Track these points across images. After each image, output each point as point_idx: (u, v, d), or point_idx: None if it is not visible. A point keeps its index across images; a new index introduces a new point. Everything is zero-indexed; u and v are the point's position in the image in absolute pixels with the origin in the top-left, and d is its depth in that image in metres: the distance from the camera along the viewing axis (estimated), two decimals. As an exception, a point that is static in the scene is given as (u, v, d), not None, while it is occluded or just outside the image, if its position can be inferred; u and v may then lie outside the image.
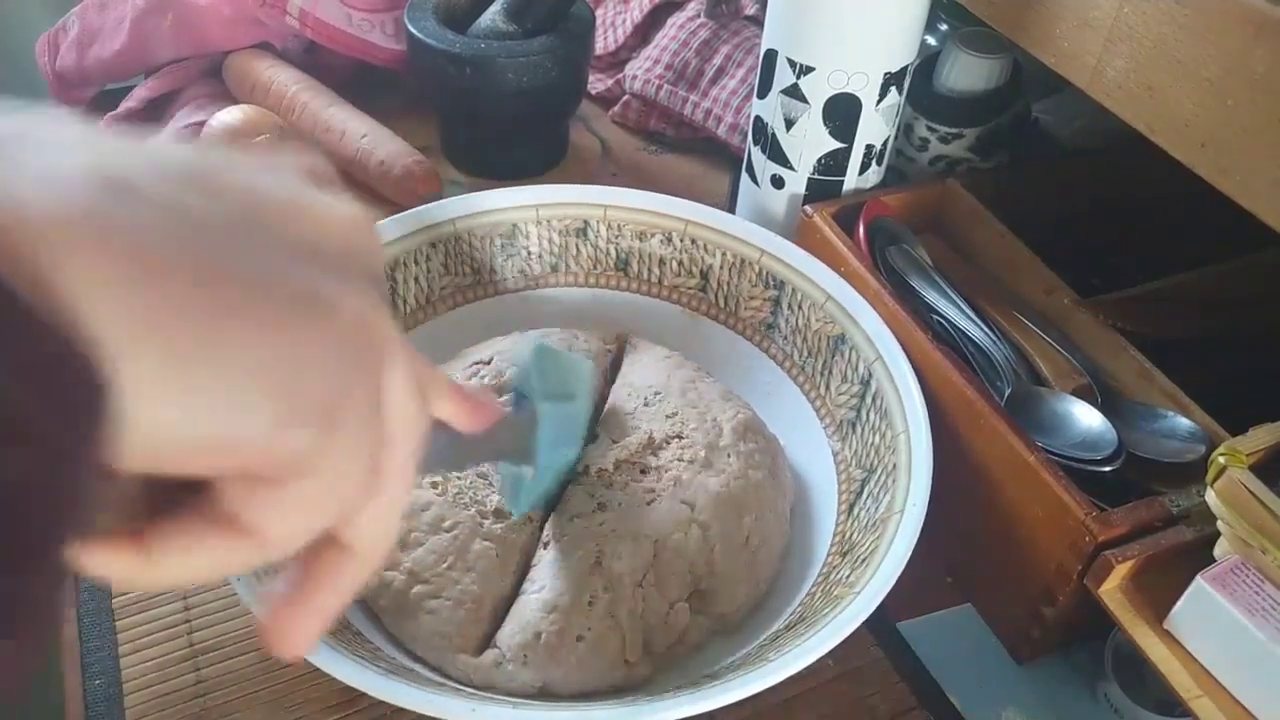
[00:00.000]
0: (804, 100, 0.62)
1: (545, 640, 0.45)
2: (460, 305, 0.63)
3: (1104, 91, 0.47)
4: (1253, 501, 0.40)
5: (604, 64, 0.92)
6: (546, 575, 0.47)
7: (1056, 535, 0.47)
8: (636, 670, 0.46)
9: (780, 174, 0.66)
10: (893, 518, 0.47)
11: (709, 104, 0.83)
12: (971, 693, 0.51)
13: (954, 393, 0.52)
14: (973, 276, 0.62)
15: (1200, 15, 0.41)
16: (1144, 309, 0.58)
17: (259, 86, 0.81)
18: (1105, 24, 0.46)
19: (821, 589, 0.48)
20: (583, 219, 0.63)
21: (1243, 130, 0.40)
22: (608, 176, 0.84)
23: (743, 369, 0.61)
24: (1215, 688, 0.42)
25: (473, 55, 0.73)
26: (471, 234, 0.61)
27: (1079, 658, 0.52)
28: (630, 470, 0.51)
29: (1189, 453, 0.50)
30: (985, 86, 0.67)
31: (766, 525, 0.51)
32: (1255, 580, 0.41)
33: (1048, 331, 0.58)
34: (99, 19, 0.84)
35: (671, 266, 0.63)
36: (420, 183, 0.75)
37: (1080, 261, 0.62)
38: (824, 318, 0.58)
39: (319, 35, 0.81)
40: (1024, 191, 0.66)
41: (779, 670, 0.41)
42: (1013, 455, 0.49)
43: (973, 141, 0.69)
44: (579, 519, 0.49)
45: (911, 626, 0.54)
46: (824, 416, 0.58)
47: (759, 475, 0.52)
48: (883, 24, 0.59)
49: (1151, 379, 0.54)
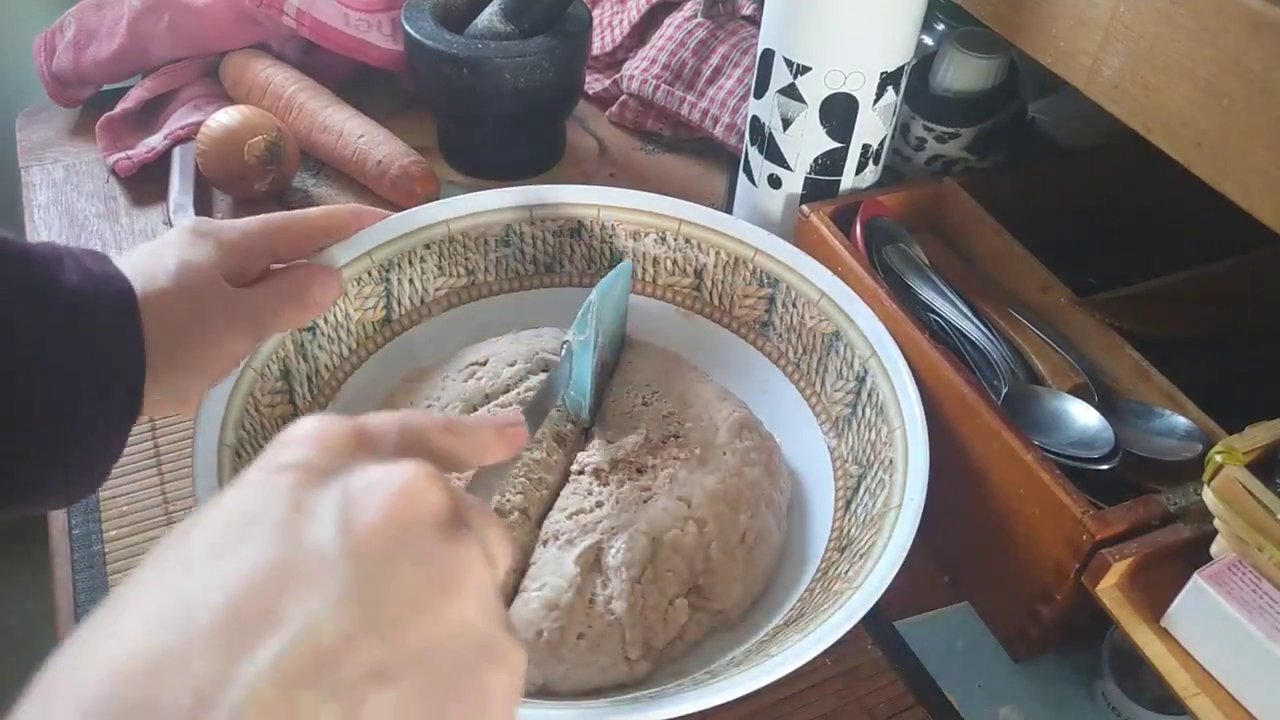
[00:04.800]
0: (801, 100, 0.62)
1: (546, 638, 0.45)
2: (455, 306, 0.62)
3: (1100, 91, 0.47)
4: (1250, 499, 0.40)
5: (601, 64, 0.92)
6: (546, 573, 0.47)
7: (1054, 534, 0.47)
8: (637, 667, 0.46)
9: (777, 174, 0.66)
10: (890, 512, 0.47)
11: (706, 104, 0.83)
12: (969, 691, 0.51)
13: (951, 391, 0.52)
14: (969, 275, 0.62)
15: (1196, 14, 0.41)
16: (1141, 307, 0.58)
17: (256, 87, 0.81)
18: (1101, 23, 0.46)
19: (820, 584, 0.48)
20: (576, 219, 0.63)
21: (1239, 129, 0.41)
22: (605, 176, 0.84)
23: (738, 367, 0.61)
24: (1212, 685, 0.42)
25: (470, 55, 0.73)
26: (465, 235, 0.61)
27: (1076, 656, 0.52)
28: (627, 469, 0.51)
29: (1186, 451, 0.50)
30: (982, 86, 0.68)
31: (763, 522, 0.51)
32: (1252, 578, 0.41)
33: (1044, 330, 0.58)
34: (96, 19, 0.84)
35: (666, 266, 0.63)
36: (418, 183, 0.75)
37: (1077, 260, 0.62)
38: (818, 315, 0.58)
39: (316, 35, 0.81)
40: (1020, 191, 0.66)
41: (779, 667, 0.41)
42: (1010, 454, 0.49)
43: (969, 141, 0.69)
44: (577, 516, 0.49)
45: (909, 625, 0.54)
46: (820, 413, 0.58)
47: (755, 472, 0.52)
48: (879, 24, 0.59)
49: (1148, 377, 0.54)
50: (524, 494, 0.49)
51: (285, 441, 0.27)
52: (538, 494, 0.50)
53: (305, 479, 0.25)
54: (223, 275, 0.45)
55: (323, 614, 0.22)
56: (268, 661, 0.21)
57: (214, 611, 0.22)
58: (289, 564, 0.23)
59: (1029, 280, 0.61)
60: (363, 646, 0.23)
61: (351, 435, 0.27)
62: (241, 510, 0.25)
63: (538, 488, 0.50)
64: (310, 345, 0.55)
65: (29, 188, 0.79)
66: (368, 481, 0.25)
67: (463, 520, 0.27)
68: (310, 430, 0.27)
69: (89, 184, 0.80)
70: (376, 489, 0.25)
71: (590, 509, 0.49)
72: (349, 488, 0.25)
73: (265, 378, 0.52)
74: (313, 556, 0.23)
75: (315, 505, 0.25)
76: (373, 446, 0.28)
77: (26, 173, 0.81)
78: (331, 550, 0.23)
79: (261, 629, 0.22)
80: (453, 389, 0.55)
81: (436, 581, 0.25)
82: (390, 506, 0.25)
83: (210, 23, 0.81)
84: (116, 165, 0.79)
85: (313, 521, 0.24)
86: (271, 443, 0.27)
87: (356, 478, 0.25)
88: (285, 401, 0.53)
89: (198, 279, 0.44)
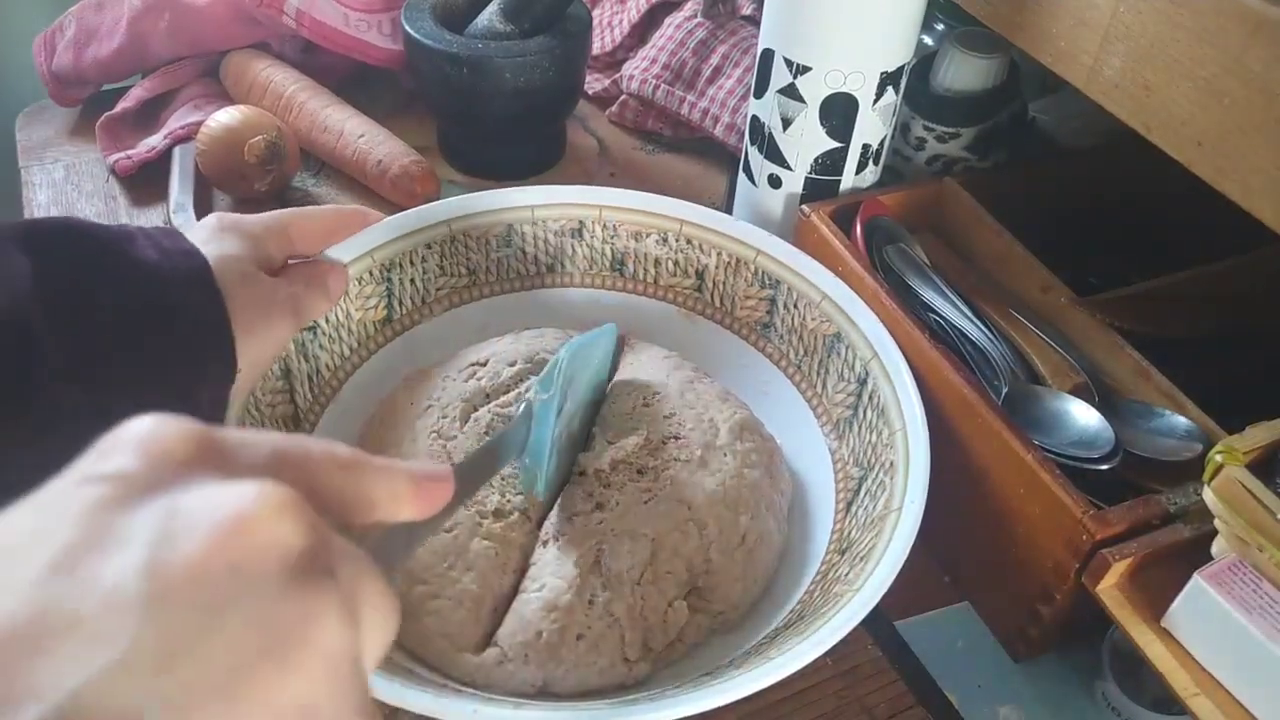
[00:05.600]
0: (801, 100, 0.62)
1: (546, 639, 0.45)
2: (456, 306, 0.62)
3: (1101, 91, 0.47)
4: (1250, 499, 0.40)
5: (601, 64, 0.92)
6: (546, 574, 0.47)
7: (1054, 534, 0.47)
8: (636, 669, 0.46)
9: (777, 174, 0.66)
10: (890, 515, 0.47)
11: (706, 104, 0.83)
12: (969, 691, 0.51)
13: (951, 392, 0.52)
14: (970, 275, 0.62)
15: (1197, 14, 0.41)
16: (1141, 307, 0.58)
17: (256, 86, 0.81)
18: (1102, 23, 0.46)
19: (820, 587, 0.48)
20: (578, 219, 0.63)
21: (1239, 129, 0.41)
22: (605, 176, 0.84)
23: (739, 368, 0.61)
24: (1212, 686, 0.42)
25: (470, 55, 0.73)
26: (467, 235, 0.61)
27: (1076, 656, 0.52)
28: (627, 470, 0.51)
29: (1186, 451, 0.50)
30: (982, 86, 0.68)
31: (763, 524, 0.51)
32: (1252, 578, 0.41)
33: (1045, 330, 0.58)
34: (96, 19, 0.84)
35: (667, 266, 0.63)
36: (418, 182, 0.75)
37: (1077, 260, 0.62)
38: (820, 316, 0.58)
39: (316, 35, 0.81)
40: (1021, 191, 0.66)
41: (778, 669, 0.41)
42: (1010, 454, 0.49)
43: (969, 141, 0.69)
44: (578, 518, 0.49)
45: (909, 625, 0.54)
46: (821, 415, 0.58)
47: (755, 474, 0.52)
48: (879, 23, 0.59)
49: (1148, 377, 0.54)
50: (524, 494, 0.49)
51: (108, 446, 0.21)
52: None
53: (117, 495, 0.19)
54: (257, 263, 0.46)
55: (97, 683, 0.17)
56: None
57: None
58: (59, 615, 0.17)
59: (1029, 280, 0.61)
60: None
61: (196, 443, 0.21)
62: (17, 530, 0.19)
63: (538, 488, 0.50)
64: (311, 345, 0.55)
65: (29, 187, 0.79)
66: (198, 502, 0.19)
67: (322, 566, 0.20)
68: (142, 432, 0.21)
69: (89, 183, 0.80)
70: (205, 513, 0.19)
71: (590, 510, 0.49)
72: (174, 508, 0.19)
73: (266, 377, 0.52)
74: (100, 602, 0.18)
75: (120, 532, 0.19)
76: (223, 461, 0.21)
77: (27, 172, 0.81)
78: (128, 594, 0.18)
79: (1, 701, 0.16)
80: (453, 389, 0.55)
81: (269, 647, 0.19)
82: (218, 537, 0.19)
83: (210, 22, 0.81)
84: (116, 165, 0.79)
85: (108, 556, 0.18)
86: (93, 445, 0.21)
87: (186, 498, 0.20)
88: (286, 401, 0.53)
89: (240, 271, 0.44)
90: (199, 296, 0.42)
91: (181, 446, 0.21)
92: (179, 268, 0.42)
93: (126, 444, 0.20)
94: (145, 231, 0.43)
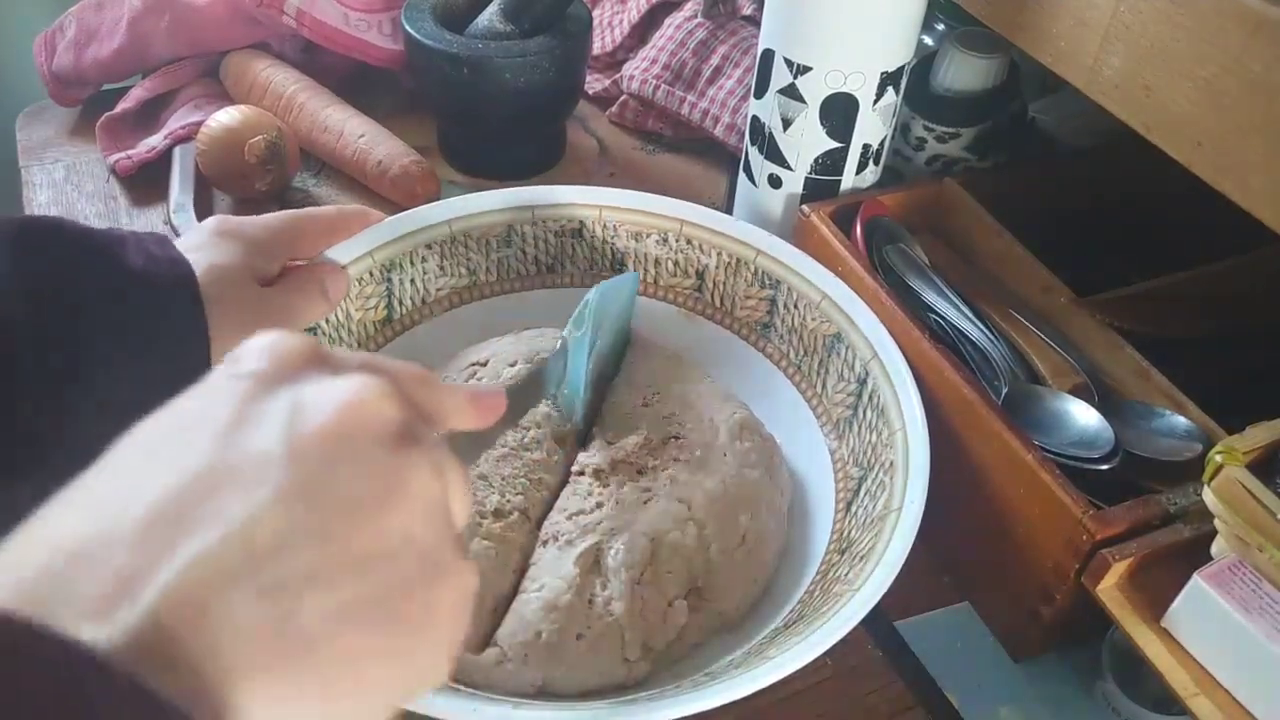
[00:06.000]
0: (801, 100, 0.62)
1: (546, 639, 0.45)
2: (456, 306, 0.62)
3: (1101, 91, 0.47)
4: (1250, 500, 0.40)
5: (601, 64, 0.92)
6: (546, 574, 0.47)
7: (1054, 534, 0.47)
8: (636, 668, 0.46)
9: (777, 174, 0.66)
10: (890, 515, 0.47)
11: (706, 104, 0.83)
12: (969, 691, 0.51)
13: (951, 392, 0.52)
14: (970, 276, 0.62)
15: (1197, 14, 0.41)
16: (1141, 308, 0.58)
17: (256, 86, 0.81)
18: (1102, 23, 0.46)
19: (820, 587, 0.48)
20: (578, 220, 0.63)
21: (1239, 129, 0.41)
22: (605, 176, 0.84)
23: (739, 368, 0.61)
24: (1213, 686, 0.42)
25: (470, 55, 0.73)
26: (467, 235, 0.61)
27: (1077, 656, 0.52)
28: (627, 470, 0.51)
29: (1186, 451, 0.50)
30: (982, 86, 0.68)
31: (763, 524, 0.51)
32: (1252, 578, 0.41)
33: (1045, 330, 0.58)
34: (96, 19, 0.84)
35: (667, 267, 0.63)
36: (418, 182, 0.75)
37: (1077, 260, 0.62)
38: (820, 317, 0.58)
39: (316, 35, 0.81)
40: (1021, 191, 0.66)
41: (778, 669, 0.41)
42: (1010, 454, 0.49)
43: (970, 141, 0.69)
44: (577, 517, 0.49)
45: (909, 625, 0.54)
46: (821, 415, 0.58)
47: (755, 474, 0.52)
48: (880, 24, 0.59)
49: (1148, 377, 0.54)
50: (524, 494, 0.49)
51: (242, 352, 0.26)
52: (537, 495, 0.50)
53: (256, 387, 0.25)
54: (250, 272, 0.46)
55: (257, 514, 0.22)
56: (191, 558, 0.21)
57: (144, 508, 0.22)
58: (225, 468, 0.23)
59: (1029, 280, 0.61)
60: (298, 548, 0.22)
61: (309, 350, 0.27)
62: (189, 413, 0.25)
63: (537, 489, 0.50)
64: (310, 345, 0.55)
65: (29, 187, 0.79)
66: (318, 390, 0.25)
67: (414, 436, 0.26)
68: (267, 342, 0.26)
69: (89, 184, 0.80)
70: (326, 397, 0.25)
71: (590, 510, 0.49)
72: (299, 396, 0.25)
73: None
74: (252, 460, 0.23)
75: (263, 412, 0.24)
76: (328, 365, 0.27)
77: (27, 172, 0.81)
78: (272, 454, 0.23)
79: (190, 527, 0.22)
80: (453, 389, 0.55)
81: (378, 489, 0.24)
82: (338, 413, 0.24)
83: (210, 22, 0.81)
84: (117, 165, 0.79)
85: (257, 427, 0.24)
86: (229, 353, 0.27)
87: (308, 387, 0.25)
88: (285, 402, 0.53)
89: (229, 281, 0.45)
90: (180, 305, 0.42)
91: (298, 351, 0.26)
92: (164, 275, 0.42)
93: (258, 351, 0.26)
94: (137, 236, 0.43)
